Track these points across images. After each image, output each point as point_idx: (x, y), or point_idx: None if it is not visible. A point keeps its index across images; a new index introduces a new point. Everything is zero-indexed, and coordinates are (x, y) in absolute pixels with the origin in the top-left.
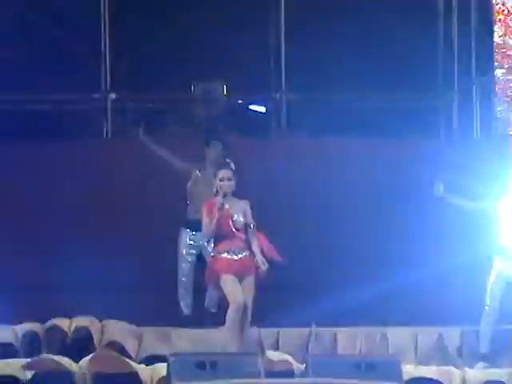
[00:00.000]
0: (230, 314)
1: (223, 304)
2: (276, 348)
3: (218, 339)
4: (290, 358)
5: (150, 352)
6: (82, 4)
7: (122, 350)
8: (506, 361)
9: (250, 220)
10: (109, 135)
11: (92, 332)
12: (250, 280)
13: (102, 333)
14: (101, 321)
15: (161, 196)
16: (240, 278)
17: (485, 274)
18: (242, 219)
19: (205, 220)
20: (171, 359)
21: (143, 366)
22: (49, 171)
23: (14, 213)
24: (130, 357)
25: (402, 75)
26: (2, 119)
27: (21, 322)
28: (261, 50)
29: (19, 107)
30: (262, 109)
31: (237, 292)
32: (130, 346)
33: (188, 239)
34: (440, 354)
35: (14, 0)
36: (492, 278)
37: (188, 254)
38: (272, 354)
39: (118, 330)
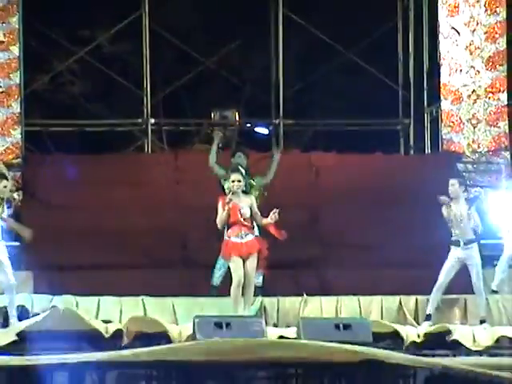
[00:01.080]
0: (233, 288)
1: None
2: (276, 312)
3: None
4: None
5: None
6: (128, 51)
7: None
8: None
9: (256, 210)
10: (149, 151)
11: None
12: (253, 258)
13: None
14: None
15: (192, 198)
16: (245, 257)
17: (442, 257)
18: (248, 211)
19: (219, 212)
20: (196, 320)
21: (174, 325)
22: (103, 178)
23: (84, 210)
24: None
25: (372, 106)
26: (70, 138)
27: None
28: (264, 87)
29: (81, 129)
30: (265, 131)
31: (239, 271)
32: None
33: None
34: (400, 318)
35: (77, 49)
36: (447, 261)
37: None
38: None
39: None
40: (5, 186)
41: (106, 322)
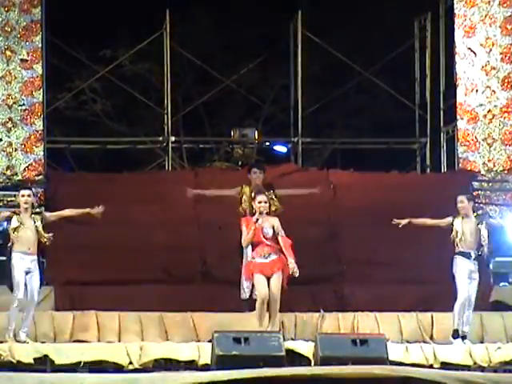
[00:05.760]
0: (258, 304)
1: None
2: (294, 327)
3: (252, 321)
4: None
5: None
6: (149, 70)
7: None
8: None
9: (280, 230)
10: (169, 168)
11: None
12: (276, 277)
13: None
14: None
15: (211, 215)
16: (269, 276)
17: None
18: (270, 231)
19: (244, 232)
20: (215, 335)
21: (191, 343)
22: (124, 195)
23: (105, 226)
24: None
25: (389, 125)
26: (92, 155)
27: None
28: (283, 106)
29: (103, 146)
30: (284, 149)
31: (264, 288)
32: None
33: None
34: (416, 334)
35: (99, 68)
36: (462, 276)
37: None
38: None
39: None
40: (23, 196)
41: None
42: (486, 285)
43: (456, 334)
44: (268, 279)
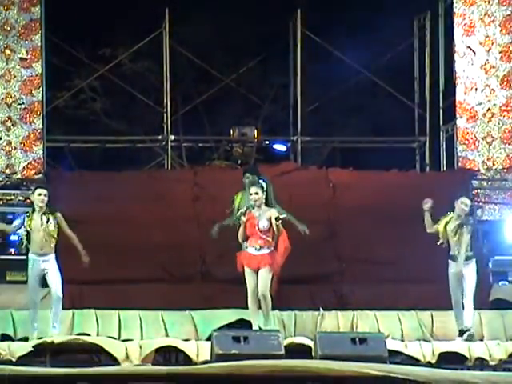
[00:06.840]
0: (248, 298)
1: None
2: (293, 326)
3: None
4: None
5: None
6: (148, 69)
7: None
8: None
9: (274, 221)
10: (169, 167)
11: None
12: (264, 272)
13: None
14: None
15: (210, 214)
16: (257, 269)
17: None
18: (265, 224)
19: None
20: (214, 334)
21: (191, 341)
22: (123, 193)
23: (105, 225)
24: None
25: (388, 124)
26: (91, 154)
27: None
28: (282, 105)
29: (102, 145)
30: (283, 148)
31: (251, 282)
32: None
33: None
34: (416, 332)
35: (98, 67)
36: (450, 278)
37: None
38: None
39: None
40: (39, 194)
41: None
42: (485, 283)
43: (461, 334)
44: (256, 273)
